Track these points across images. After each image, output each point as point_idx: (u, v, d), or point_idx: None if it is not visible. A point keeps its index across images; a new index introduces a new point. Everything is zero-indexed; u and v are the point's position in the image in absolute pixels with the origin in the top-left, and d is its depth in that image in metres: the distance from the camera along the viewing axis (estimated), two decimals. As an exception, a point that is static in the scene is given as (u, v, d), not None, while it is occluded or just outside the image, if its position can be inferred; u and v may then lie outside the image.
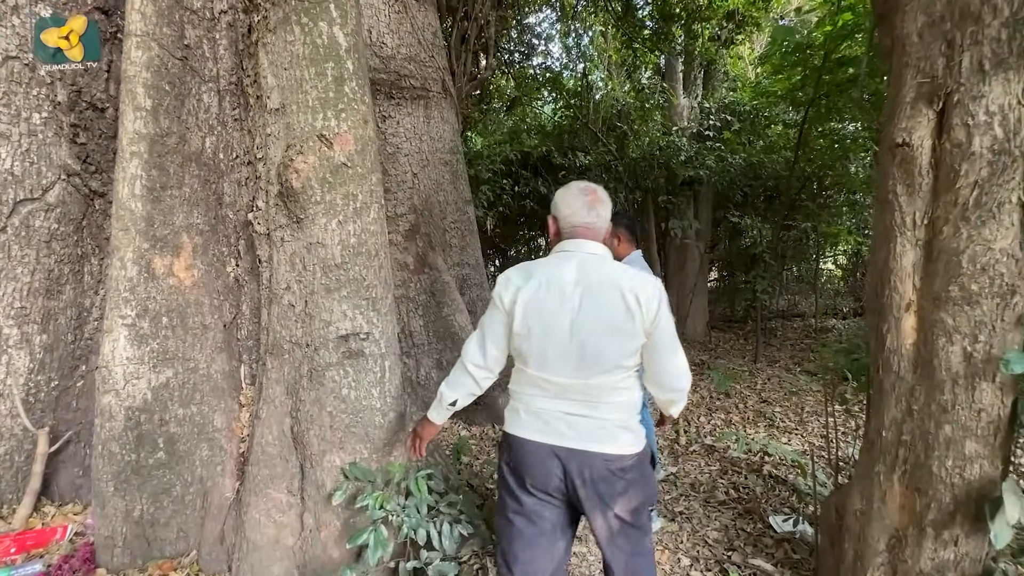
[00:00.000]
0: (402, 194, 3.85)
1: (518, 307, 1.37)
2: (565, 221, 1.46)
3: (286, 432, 1.91)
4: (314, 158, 1.79)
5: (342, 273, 1.82)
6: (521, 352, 1.41)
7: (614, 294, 1.34)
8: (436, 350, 3.91)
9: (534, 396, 1.42)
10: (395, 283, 3.83)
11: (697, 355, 6.66)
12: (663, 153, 6.67)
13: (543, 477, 1.37)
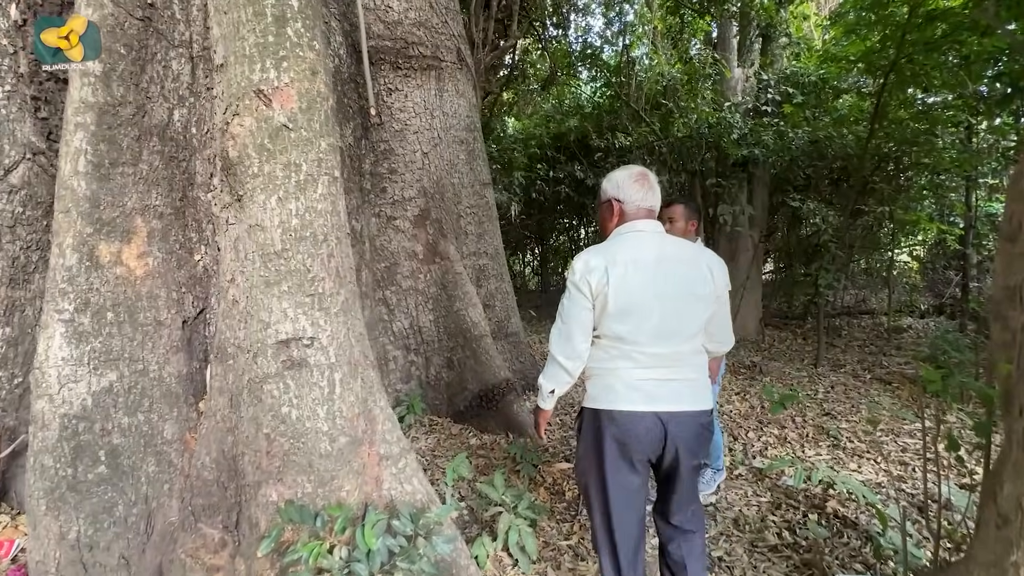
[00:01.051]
0: (410, 176, 3.50)
1: (610, 289, 1.45)
2: (632, 204, 1.56)
3: (227, 453, 1.60)
4: (251, 120, 1.44)
5: (282, 263, 1.47)
6: (614, 331, 1.48)
7: (691, 267, 1.52)
8: (447, 348, 3.56)
9: (629, 369, 1.49)
10: (403, 274, 3.50)
11: (748, 356, 5.99)
12: (713, 131, 5.98)
13: (649, 443, 1.48)
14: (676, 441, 1.48)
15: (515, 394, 3.37)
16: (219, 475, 1.59)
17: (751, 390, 4.56)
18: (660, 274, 1.47)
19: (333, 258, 1.54)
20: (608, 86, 8.06)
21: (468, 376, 3.51)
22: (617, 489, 1.51)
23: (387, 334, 3.45)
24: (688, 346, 1.52)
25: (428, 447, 3.16)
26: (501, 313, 4.08)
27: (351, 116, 3.11)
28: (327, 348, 1.51)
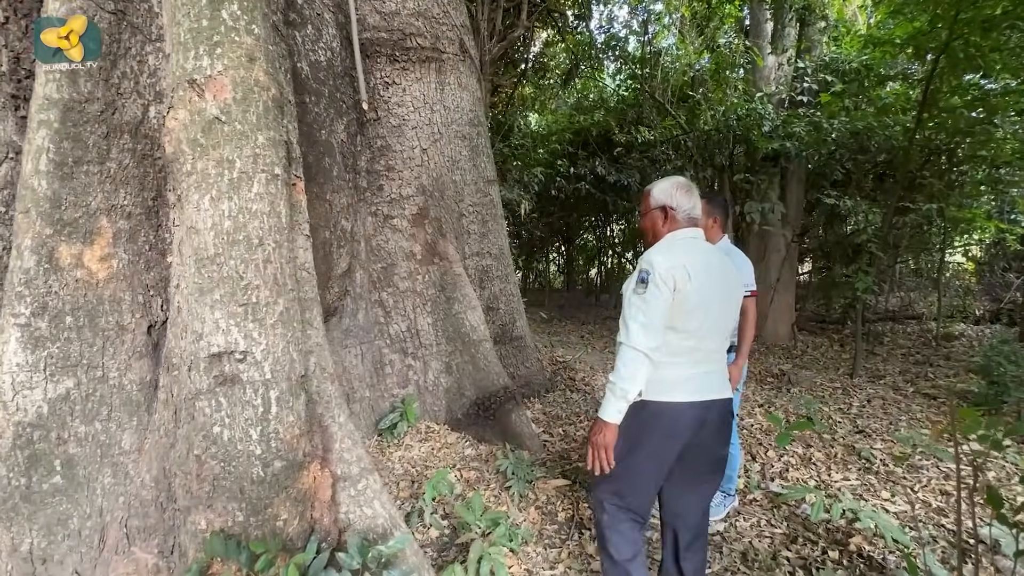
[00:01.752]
0: (408, 173, 3.36)
1: (692, 285, 1.51)
2: (683, 213, 1.68)
3: (167, 471, 1.50)
4: (184, 113, 1.32)
5: (215, 269, 1.35)
6: (685, 326, 1.55)
7: (731, 271, 1.68)
8: (445, 352, 3.41)
9: (684, 364, 1.57)
10: (401, 275, 3.37)
11: (776, 363, 5.62)
12: (742, 123, 5.62)
13: (691, 431, 1.56)
14: (710, 427, 1.60)
15: (514, 403, 3.19)
16: (158, 495, 1.50)
17: (777, 402, 4.23)
18: (714, 276, 1.60)
19: (270, 264, 1.41)
20: (632, 78, 7.75)
21: (466, 382, 3.36)
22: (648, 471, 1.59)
23: (383, 337, 3.34)
24: (726, 342, 1.69)
25: (421, 456, 3.02)
26: (506, 316, 3.91)
27: (344, 111, 3.00)
28: (261, 363, 1.38)
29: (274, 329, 1.40)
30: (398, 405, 3.25)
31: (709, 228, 2.45)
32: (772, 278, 6.29)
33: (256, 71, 1.38)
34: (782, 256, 6.37)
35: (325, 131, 2.83)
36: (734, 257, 2.38)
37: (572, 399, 3.94)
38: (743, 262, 2.39)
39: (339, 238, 2.85)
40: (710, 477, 1.69)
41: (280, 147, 1.45)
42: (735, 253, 2.44)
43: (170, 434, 1.52)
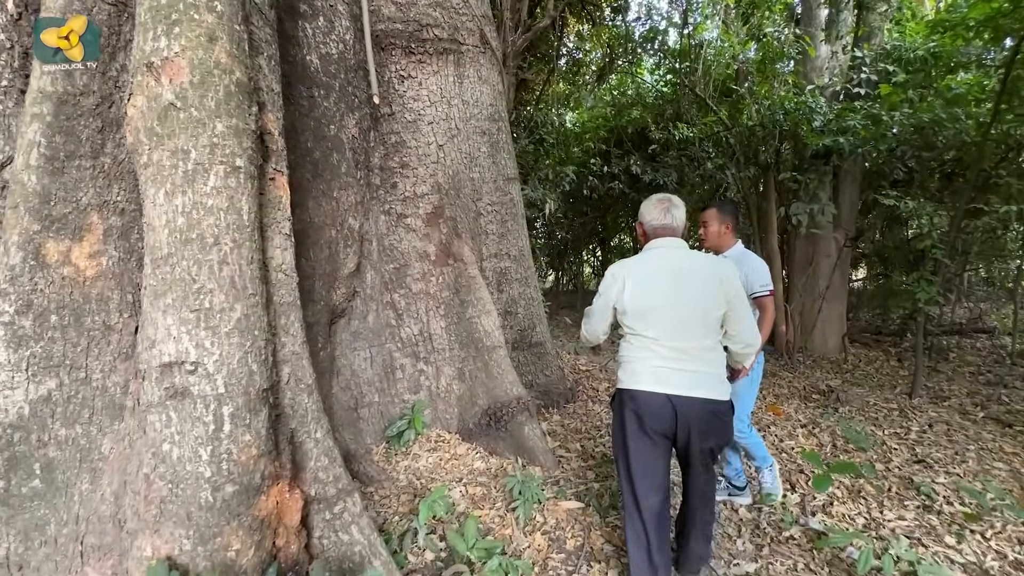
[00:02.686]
0: (423, 170, 3.23)
1: (625, 295, 1.78)
2: (650, 225, 1.90)
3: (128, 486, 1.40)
4: (142, 99, 1.22)
5: (167, 270, 1.23)
6: (633, 328, 1.80)
7: (703, 276, 1.78)
8: (458, 358, 3.26)
9: (649, 359, 1.77)
10: (414, 276, 3.24)
11: (824, 378, 5.17)
12: (790, 117, 5.20)
13: (661, 419, 1.75)
14: (688, 421, 1.74)
15: (527, 415, 3.00)
16: (117, 511, 1.40)
17: (822, 422, 3.85)
18: (675, 282, 1.77)
19: (226, 265, 1.28)
20: (672, 73, 7.38)
21: (479, 390, 3.19)
22: (637, 457, 1.79)
23: (394, 340, 3.22)
24: (701, 343, 1.77)
25: (427, 467, 2.88)
26: (525, 321, 3.72)
27: (357, 106, 2.89)
28: (214, 376, 1.25)
29: (229, 338, 1.27)
30: (408, 411, 3.12)
31: (723, 234, 2.60)
32: (821, 285, 5.81)
33: (217, 52, 1.26)
34: (832, 261, 5.88)
35: (334, 126, 2.73)
36: (746, 261, 2.51)
37: (593, 411, 3.70)
38: (756, 265, 2.52)
39: (346, 237, 2.74)
40: (702, 469, 1.84)
41: (245, 136, 1.32)
42: (748, 257, 2.56)
43: (134, 445, 1.43)
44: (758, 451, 2.66)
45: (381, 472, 2.73)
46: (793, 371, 5.39)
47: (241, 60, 1.34)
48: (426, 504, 2.01)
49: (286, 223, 1.59)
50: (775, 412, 4.09)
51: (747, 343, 1.88)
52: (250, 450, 1.27)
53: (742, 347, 1.89)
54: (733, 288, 1.79)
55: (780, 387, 4.85)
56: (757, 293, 2.49)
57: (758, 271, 2.51)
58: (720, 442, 1.82)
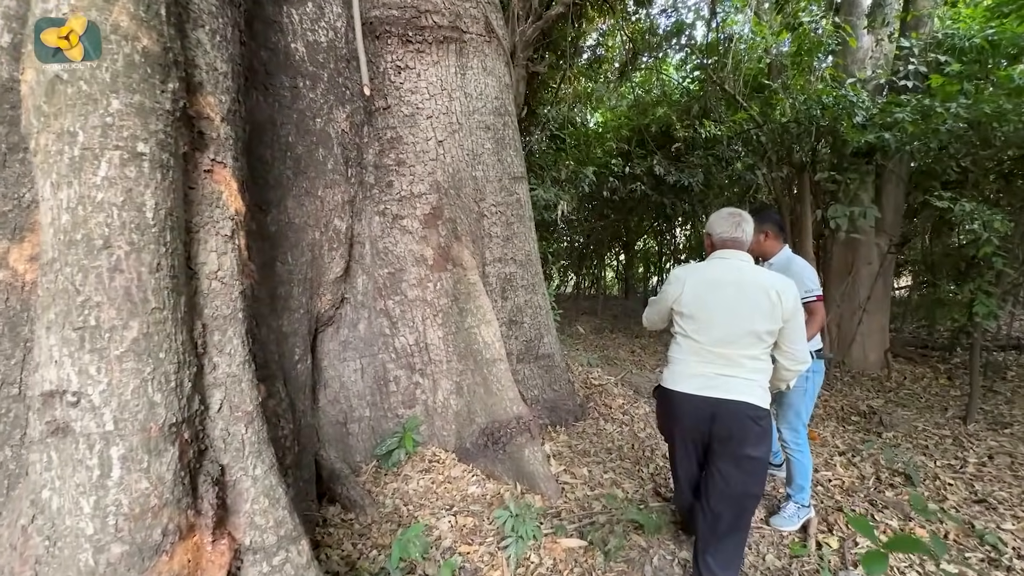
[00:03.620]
0: (421, 168, 3.00)
1: (683, 296, 1.93)
2: (719, 237, 2.00)
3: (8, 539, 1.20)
4: (32, 72, 1.01)
5: (51, 279, 1.02)
6: (684, 328, 1.95)
7: (760, 290, 1.84)
8: (456, 371, 3.01)
9: (695, 363, 1.91)
10: (410, 282, 3.02)
11: (864, 397, 4.71)
12: (827, 113, 4.78)
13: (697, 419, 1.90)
14: (726, 423, 1.82)
15: (528, 436, 2.73)
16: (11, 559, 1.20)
17: (863, 450, 3.44)
18: (733, 293, 1.85)
19: (119, 273, 1.06)
20: (699, 68, 7.00)
21: (477, 407, 2.93)
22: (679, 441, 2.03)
23: (388, 351, 2.99)
24: (748, 352, 1.84)
25: (418, 491, 2.64)
26: (531, 331, 3.45)
27: (349, 99, 2.68)
28: (100, 409, 1.03)
29: (121, 363, 1.05)
30: (396, 430, 2.88)
31: (761, 243, 2.64)
32: (861, 295, 5.34)
33: (116, 14, 1.05)
34: (875, 269, 5.40)
35: (321, 119, 2.53)
36: (792, 266, 2.53)
37: (605, 431, 3.40)
38: (801, 271, 2.51)
39: (331, 239, 2.53)
40: (735, 474, 1.84)
41: (154, 117, 1.11)
42: (793, 263, 2.57)
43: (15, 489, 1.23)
44: (801, 477, 2.51)
45: (365, 496, 2.50)
46: (830, 388, 4.95)
47: (152, 26, 1.12)
48: (399, 544, 1.76)
49: (226, 223, 1.37)
50: (810, 436, 3.69)
51: (799, 362, 1.91)
52: (147, 500, 1.05)
53: (792, 364, 1.92)
54: (791, 308, 1.83)
55: (816, 406, 4.43)
56: (804, 299, 2.38)
57: (803, 276, 2.47)
58: (761, 454, 1.84)
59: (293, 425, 2.25)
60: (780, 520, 2.47)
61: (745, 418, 1.80)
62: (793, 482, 2.51)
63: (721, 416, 1.82)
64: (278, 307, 2.19)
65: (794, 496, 2.50)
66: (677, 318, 1.97)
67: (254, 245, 2.03)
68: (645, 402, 4.04)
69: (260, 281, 2.05)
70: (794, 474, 2.51)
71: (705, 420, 1.85)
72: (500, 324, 3.35)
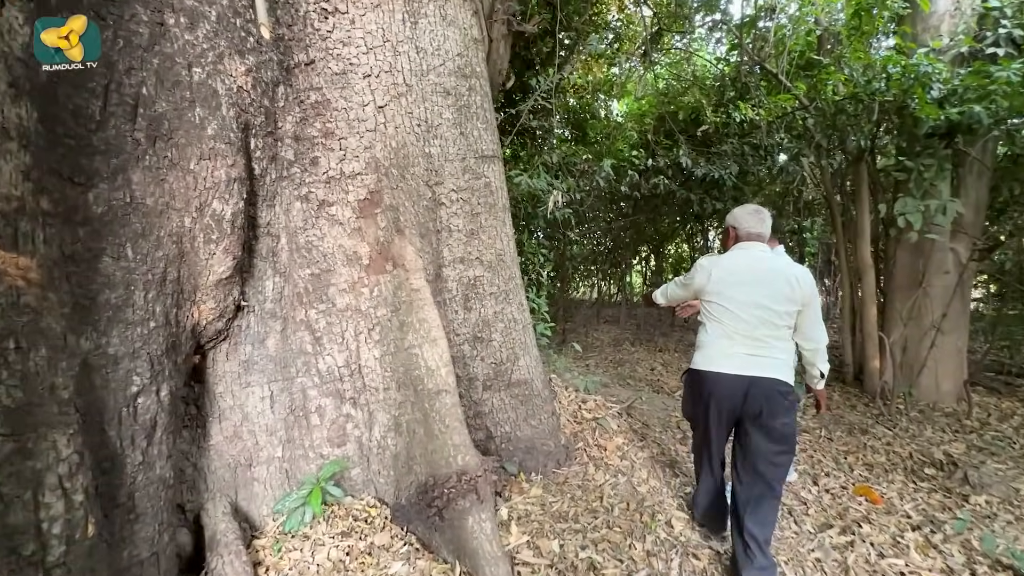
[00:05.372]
0: (355, 141, 2.35)
1: (709, 284, 2.13)
2: (743, 230, 2.17)
3: None
4: None
5: None
6: (713, 315, 2.13)
7: (781, 276, 2.03)
8: (395, 402, 2.33)
9: (726, 345, 2.07)
10: (339, 287, 2.36)
11: (939, 439, 3.75)
12: (894, 85, 3.86)
13: (731, 397, 2.04)
14: (756, 397, 2.00)
15: (474, 499, 2.01)
16: None
17: (945, 523, 2.55)
18: (757, 280, 2.05)
19: None
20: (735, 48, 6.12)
21: (416, 452, 2.25)
22: (715, 424, 2.13)
23: (309, 373, 2.34)
24: (773, 333, 2.03)
25: (324, 567, 1.97)
26: (502, 351, 2.73)
27: (252, 48, 2.06)
28: None
29: None
30: (308, 479, 2.22)
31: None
32: (934, 312, 4.35)
33: None
34: (951, 281, 4.40)
35: (201, 70, 1.90)
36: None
37: (594, 483, 2.64)
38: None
39: (209, 228, 1.90)
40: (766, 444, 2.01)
41: None
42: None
43: None
44: None
45: (243, 574, 1.84)
46: (892, 427, 4.00)
47: None
48: None
49: None
50: (870, 497, 2.82)
51: (814, 339, 2.10)
52: None
53: (811, 344, 2.11)
54: (808, 292, 2.03)
55: (875, 451, 3.52)
56: None
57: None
58: (788, 423, 2.00)
59: (124, 482, 1.63)
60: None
61: (775, 393, 1.99)
62: None
63: (753, 393, 1.99)
64: (98, 319, 1.57)
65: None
66: (706, 305, 2.17)
67: (47, 231, 1.41)
68: (655, 441, 3.24)
69: (58, 283, 1.43)
70: None
71: (739, 397, 2.01)
72: (462, 342, 2.66)
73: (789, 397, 2.01)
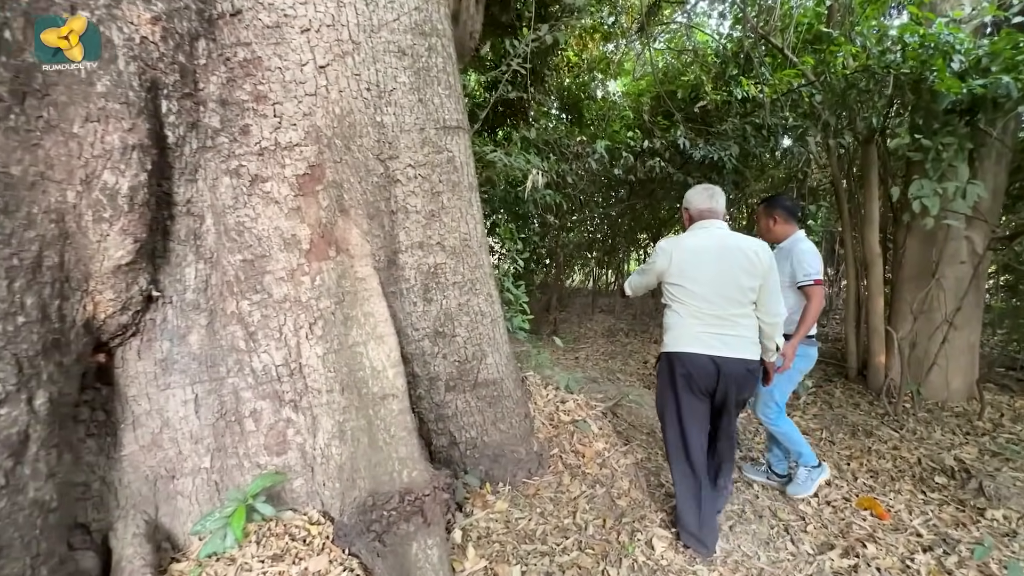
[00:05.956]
0: (292, 106, 2.03)
1: (671, 267, 2.10)
2: (695, 209, 2.21)
3: None
4: None
5: None
6: (677, 296, 2.11)
7: (742, 252, 2.04)
8: (339, 405, 2.05)
9: (694, 325, 2.07)
10: (276, 274, 2.06)
11: (948, 444, 3.47)
12: (912, 56, 3.51)
13: (706, 377, 2.06)
14: (727, 378, 2.04)
15: (420, 521, 1.74)
16: None
17: (959, 543, 2.28)
18: (718, 257, 2.05)
19: None
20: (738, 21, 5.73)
21: (361, 464, 1.97)
22: (687, 407, 2.11)
23: (242, 373, 2.06)
24: (739, 311, 2.06)
25: (246, 598, 1.70)
26: (468, 347, 2.44)
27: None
28: None
29: None
30: (232, 495, 1.94)
31: (771, 229, 2.68)
32: (946, 305, 4.04)
33: None
34: (966, 273, 4.08)
35: (89, 14, 1.59)
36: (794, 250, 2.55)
37: (568, 495, 2.37)
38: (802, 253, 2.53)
39: (100, 204, 1.60)
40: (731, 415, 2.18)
41: None
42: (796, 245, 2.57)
43: None
44: (794, 443, 2.60)
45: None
46: (899, 428, 3.72)
47: None
48: None
49: None
50: (875, 511, 2.55)
51: (774, 314, 2.11)
52: None
53: (769, 318, 2.11)
54: (767, 265, 2.05)
55: (880, 456, 3.25)
56: (801, 282, 2.50)
57: (803, 259, 2.51)
58: (751, 394, 2.20)
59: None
60: (796, 488, 2.61)
61: (744, 371, 2.06)
62: (791, 452, 2.64)
63: (724, 372, 2.03)
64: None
65: (801, 461, 2.62)
66: (669, 288, 2.14)
67: None
68: (640, 445, 2.97)
69: None
70: (789, 446, 2.61)
71: (712, 376, 2.04)
72: (421, 337, 2.37)
73: (756, 373, 2.11)
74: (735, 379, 2.04)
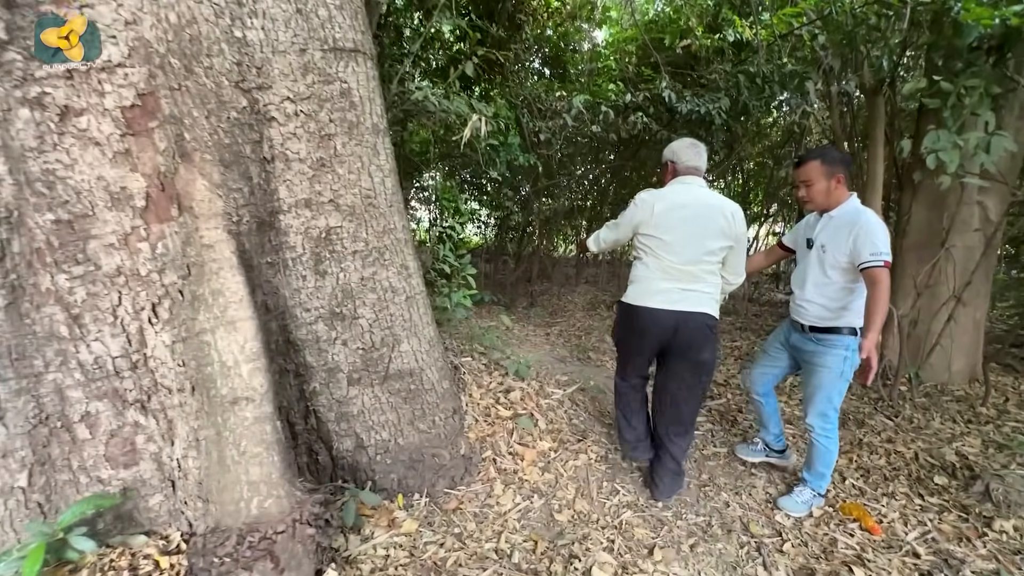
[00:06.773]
0: (106, 10, 1.50)
1: (653, 218, 2.08)
2: (682, 164, 2.17)
3: None
4: None
5: None
6: (651, 249, 2.10)
7: (717, 211, 2.06)
8: (192, 409, 1.60)
9: (660, 280, 2.09)
10: (103, 240, 1.56)
11: (949, 435, 3.08)
12: (931, -16, 2.93)
13: (662, 331, 2.09)
14: (687, 333, 2.07)
15: (268, 567, 1.31)
16: None
17: (960, 555, 1.89)
18: (696, 214, 2.05)
19: None
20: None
21: (212, 484, 1.54)
22: (637, 352, 2.24)
23: (67, 367, 1.60)
24: (707, 267, 2.08)
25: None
26: (375, 332, 1.98)
27: None
28: None
29: None
30: (49, 524, 1.51)
31: (832, 191, 2.17)
32: (955, 279, 3.59)
33: None
34: (981, 242, 3.62)
35: None
36: (858, 223, 2.05)
37: (496, 508, 1.96)
38: (869, 228, 2.01)
39: None
40: (690, 375, 2.14)
41: None
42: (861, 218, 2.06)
43: None
44: (824, 464, 2.27)
45: None
46: (894, 416, 3.33)
47: None
48: None
49: None
50: (865, 523, 2.16)
51: (739, 274, 2.21)
52: None
53: (735, 278, 2.21)
54: (741, 228, 2.10)
55: (873, 451, 2.86)
56: (867, 263, 1.96)
57: (870, 235, 1.99)
58: (710, 357, 2.12)
59: None
60: (790, 503, 2.29)
61: (704, 327, 2.08)
62: (813, 468, 2.30)
63: (683, 327, 2.06)
64: None
65: (811, 482, 2.32)
66: (644, 240, 2.13)
67: None
68: (596, 442, 2.55)
69: None
70: (816, 461, 2.28)
71: (668, 331, 2.08)
72: (314, 320, 1.90)
73: (714, 330, 2.11)
74: (695, 334, 2.06)
